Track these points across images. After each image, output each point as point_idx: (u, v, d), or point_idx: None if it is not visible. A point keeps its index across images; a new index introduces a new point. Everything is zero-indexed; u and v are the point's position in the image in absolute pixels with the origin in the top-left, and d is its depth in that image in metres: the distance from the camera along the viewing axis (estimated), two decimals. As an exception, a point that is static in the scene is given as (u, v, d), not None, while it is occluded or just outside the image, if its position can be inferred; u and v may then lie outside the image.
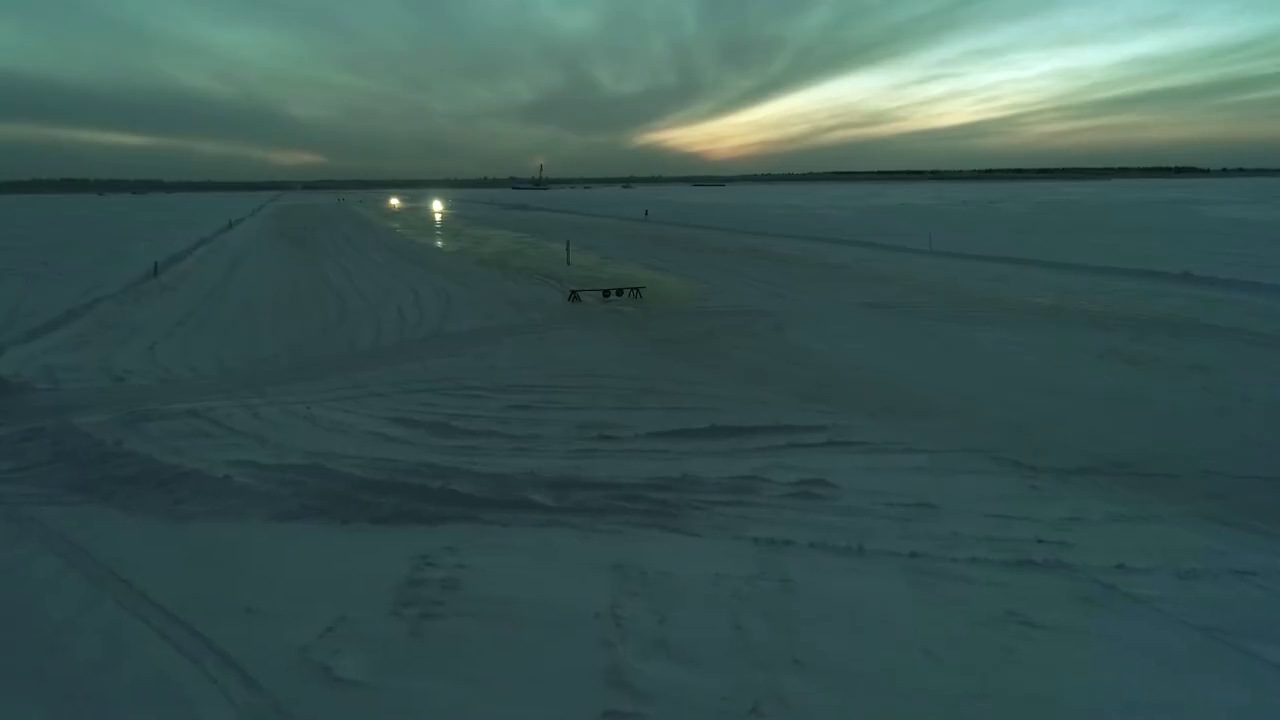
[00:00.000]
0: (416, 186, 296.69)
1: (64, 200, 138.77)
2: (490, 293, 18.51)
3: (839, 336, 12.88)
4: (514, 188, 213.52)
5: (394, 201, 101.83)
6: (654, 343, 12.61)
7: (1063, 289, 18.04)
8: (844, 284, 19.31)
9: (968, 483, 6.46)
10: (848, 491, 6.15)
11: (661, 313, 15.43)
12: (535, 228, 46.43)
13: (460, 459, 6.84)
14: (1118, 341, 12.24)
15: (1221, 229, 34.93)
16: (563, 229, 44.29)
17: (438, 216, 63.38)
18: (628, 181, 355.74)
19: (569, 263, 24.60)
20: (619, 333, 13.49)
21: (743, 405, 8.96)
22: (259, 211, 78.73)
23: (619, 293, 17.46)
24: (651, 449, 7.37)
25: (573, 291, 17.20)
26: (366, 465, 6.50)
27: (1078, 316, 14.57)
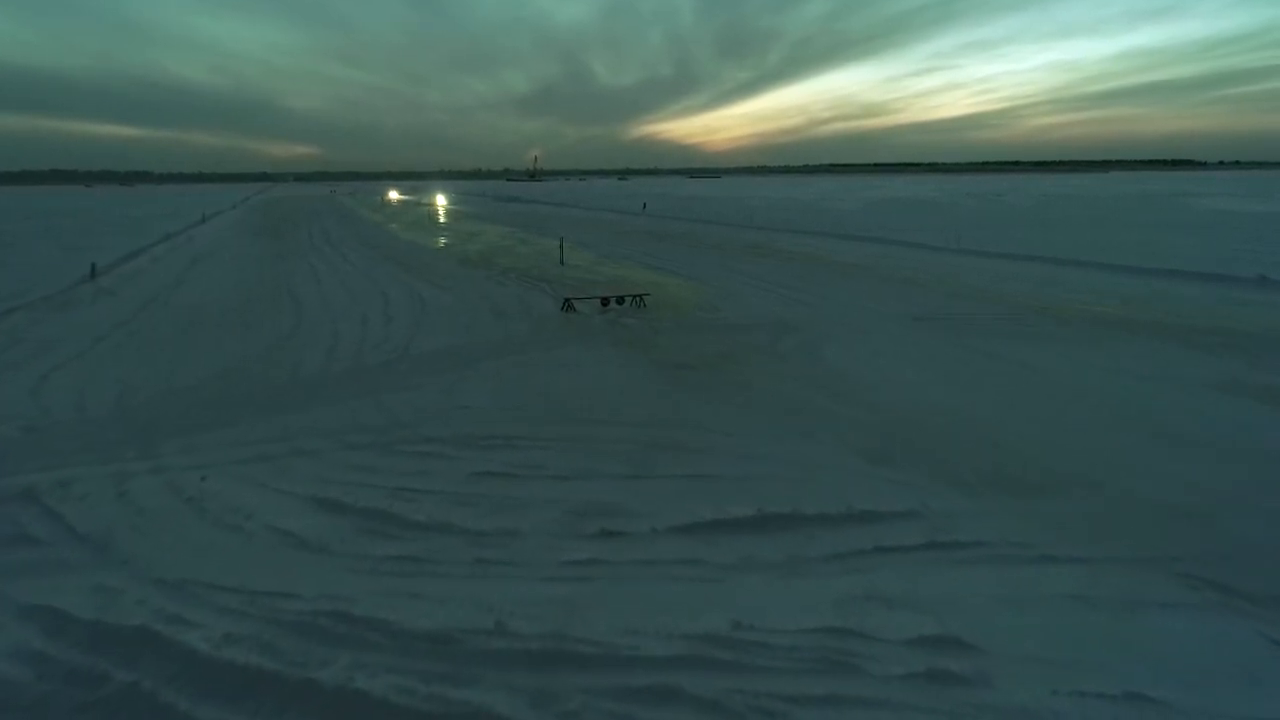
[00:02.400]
0: (410, 179, 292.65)
1: (47, 192, 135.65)
2: (472, 300, 16.15)
3: (887, 359, 10.59)
4: (508, 180, 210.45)
5: (385, 194, 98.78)
6: (664, 369, 10.29)
7: (1123, 295, 15.80)
8: (871, 288, 17.01)
9: (1173, 635, 4.18)
10: (1000, 662, 3.87)
11: (669, 326, 13.10)
12: (527, 222, 43.99)
13: (389, 588, 4.53)
14: (1232, 368, 10.00)
15: (1258, 225, 32.74)
16: (556, 223, 41.88)
17: (426, 209, 60.82)
18: (624, 173, 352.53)
19: (562, 262, 22.23)
20: (621, 354, 11.16)
21: (792, 471, 6.67)
22: (243, 204, 76.02)
23: (619, 301, 15.13)
24: (679, 558, 5.08)
25: (566, 299, 14.86)
26: (238, 614, 4.18)
27: (1158, 331, 12.32)
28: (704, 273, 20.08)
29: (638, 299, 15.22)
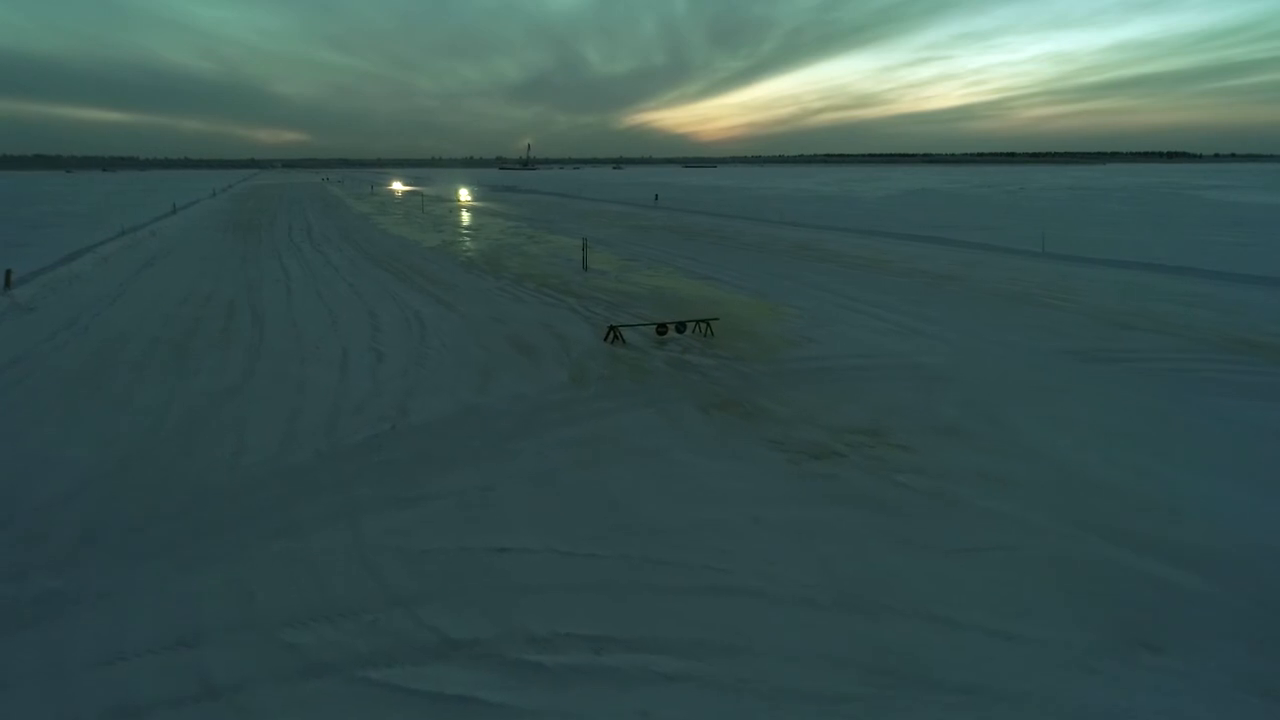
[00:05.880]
0: (402, 166, 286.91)
1: (23, 178, 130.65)
2: (484, 324, 12.58)
3: (1125, 442, 7.11)
4: (500, 168, 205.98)
5: (377, 185, 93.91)
6: (794, 457, 6.78)
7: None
8: (988, 309, 13.54)
9: None
10: None
11: (763, 372, 9.59)
12: (531, 215, 40.26)
13: None
14: None
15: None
16: (563, 216, 38.21)
17: (419, 199, 56.91)
18: (618, 162, 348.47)
19: (585, 268, 18.64)
20: (717, 426, 7.64)
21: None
22: (223, 192, 71.86)
23: (679, 328, 11.59)
24: None
25: (612, 328, 11.29)
26: None
27: None
28: (762, 283, 16.53)
29: (703, 325, 11.67)
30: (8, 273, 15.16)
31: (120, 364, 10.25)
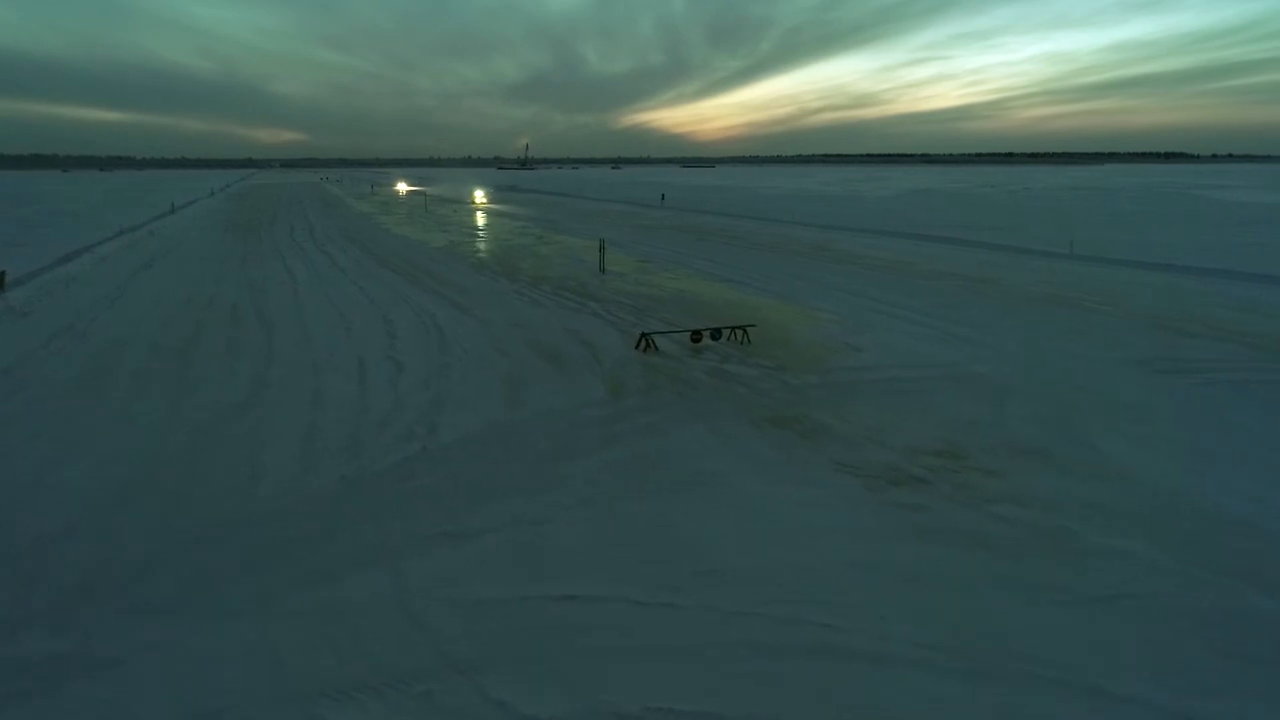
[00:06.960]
0: (400, 166, 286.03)
1: (19, 177, 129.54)
2: (505, 329, 11.91)
3: (1225, 464, 6.50)
4: (499, 168, 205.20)
5: (379, 184, 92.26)
6: (868, 483, 6.13)
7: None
8: (1033, 314, 12.93)
9: None
10: None
11: (814, 385, 8.93)
12: (536, 214, 39.58)
13: None
14: None
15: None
16: (569, 216, 37.56)
17: (422, 199, 56.14)
18: (617, 162, 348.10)
19: (603, 270, 17.98)
20: (774, 445, 6.99)
21: None
22: (221, 192, 71.01)
23: (714, 335, 10.93)
24: None
25: (644, 335, 10.63)
26: None
27: None
28: (785, 286, 15.89)
29: (739, 332, 11.01)
30: (1, 274, 14.44)
31: (120, 373, 9.56)
